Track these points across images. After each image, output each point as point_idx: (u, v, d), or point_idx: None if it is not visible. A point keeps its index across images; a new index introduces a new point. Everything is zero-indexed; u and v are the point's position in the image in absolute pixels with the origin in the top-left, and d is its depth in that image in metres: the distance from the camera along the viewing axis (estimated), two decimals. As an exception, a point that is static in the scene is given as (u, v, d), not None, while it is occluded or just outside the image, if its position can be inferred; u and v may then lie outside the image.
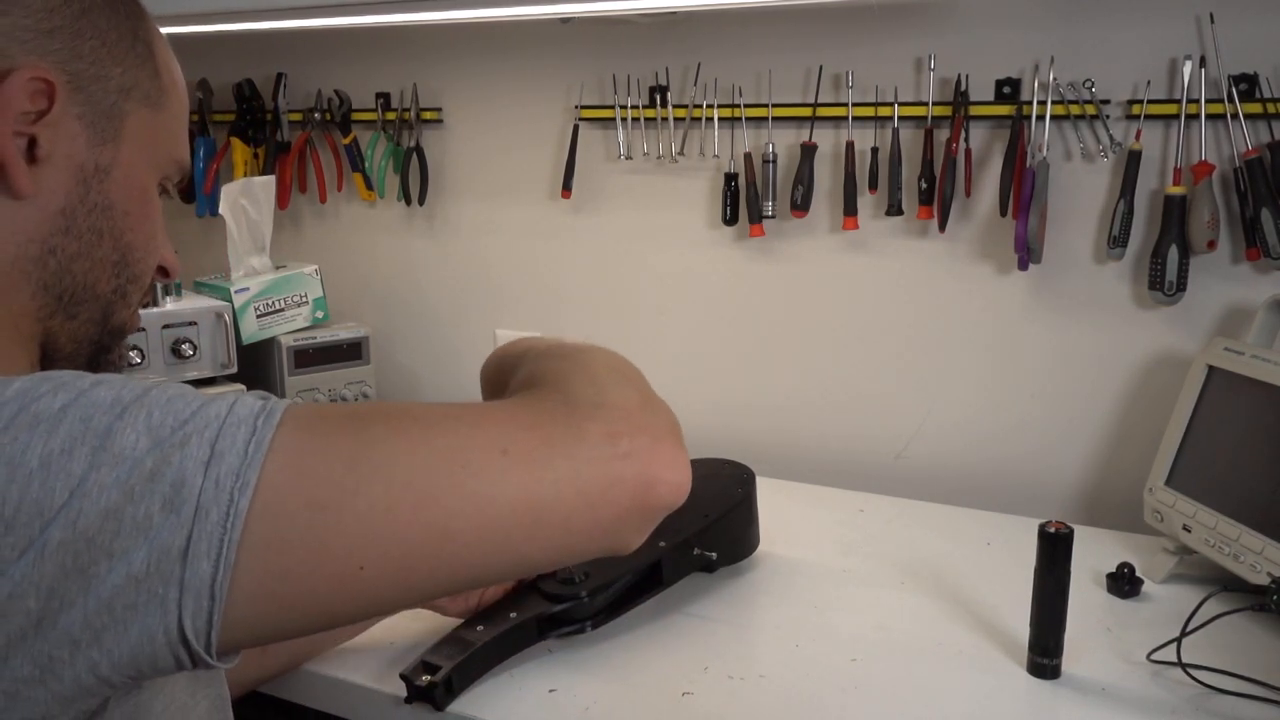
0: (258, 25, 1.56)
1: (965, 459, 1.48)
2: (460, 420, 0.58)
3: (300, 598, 0.53)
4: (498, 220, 1.76)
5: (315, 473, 0.53)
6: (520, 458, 0.57)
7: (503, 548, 0.57)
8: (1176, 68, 1.26)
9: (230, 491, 0.50)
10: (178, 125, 0.72)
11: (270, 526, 0.51)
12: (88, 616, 0.49)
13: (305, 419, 0.54)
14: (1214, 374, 1.18)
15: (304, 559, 0.52)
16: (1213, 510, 1.11)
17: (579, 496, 0.58)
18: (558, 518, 0.58)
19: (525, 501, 0.57)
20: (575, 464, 0.58)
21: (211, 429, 0.52)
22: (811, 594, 1.15)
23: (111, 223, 0.67)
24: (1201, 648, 0.95)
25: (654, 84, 1.57)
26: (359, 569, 0.54)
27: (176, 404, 0.53)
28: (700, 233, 1.59)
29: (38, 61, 0.62)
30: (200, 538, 0.50)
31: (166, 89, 0.71)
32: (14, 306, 0.64)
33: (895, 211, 1.43)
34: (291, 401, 0.56)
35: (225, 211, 1.64)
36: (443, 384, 1.86)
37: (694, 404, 1.63)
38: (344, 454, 0.54)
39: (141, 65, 0.68)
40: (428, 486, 0.55)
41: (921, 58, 1.39)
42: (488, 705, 0.93)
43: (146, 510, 0.50)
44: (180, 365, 1.54)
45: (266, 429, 0.52)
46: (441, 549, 0.56)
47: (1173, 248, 1.27)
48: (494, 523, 0.56)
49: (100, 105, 0.65)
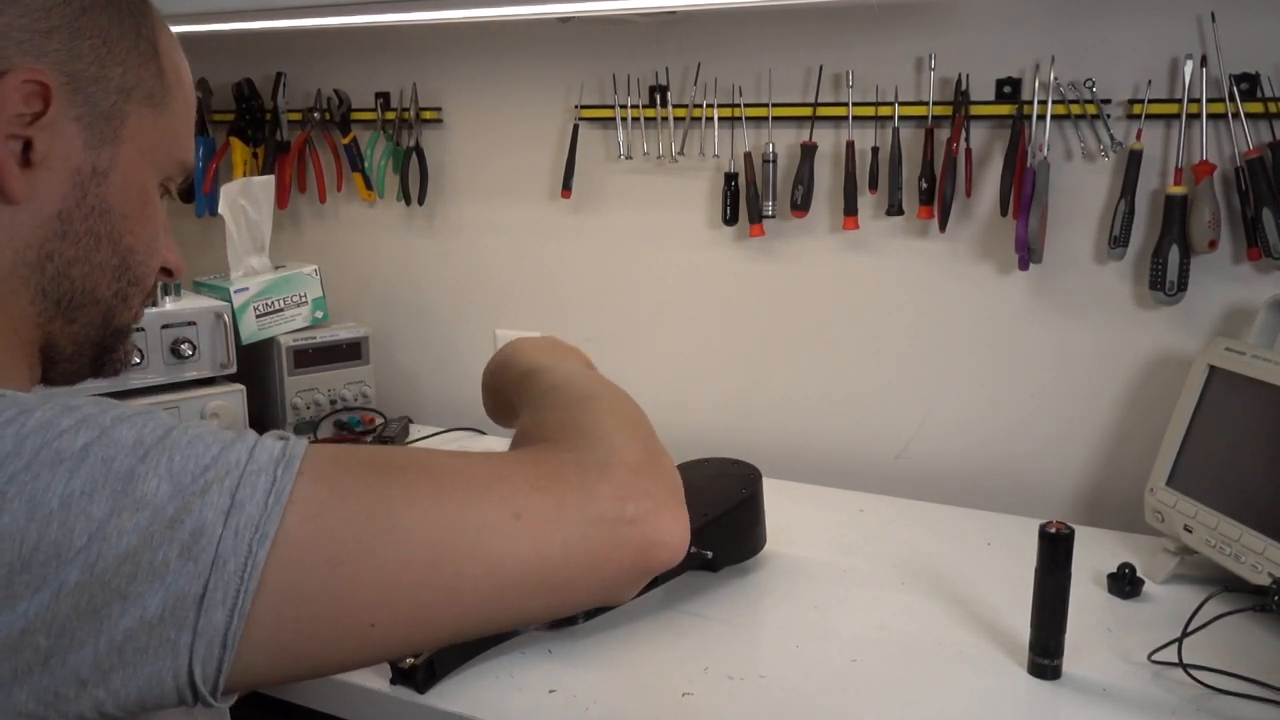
0: (257, 25, 1.56)
1: (965, 459, 1.48)
2: (475, 479, 0.59)
3: (309, 649, 0.54)
4: (498, 220, 1.76)
5: (333, 529, 0.53)
6: (531, 521, 0.58)
7: (508, 606, 0.59)
8: (1177, 67, 1.26)
9: (249, 543, 0.51)
10: (181, 125, 0.71)
11: (286, 580, 0.52)
12: (98, 657, 0.49)
13: (325, 470, 0.55)
14: (1215, 374, 1.18)
15: (317, 613, 0.53)
16: (1214, 510, 1.11)
17: (584, 558, 0.59)
18: (562, 579, 0.59)
19: (534, 564, 0.58)
20: (583, 528, 0.59)
21: (232, 477, 0.52)
22: (811, 594, 1.15)
23: (110, 226, 0.66)
24: (1202, 648, 0.95)
25: (654, 84, 1.56)
26: (370, 625, 0.55)
27: (197, 447, 0.53)
28: (700, 233, 1.59)
29: (34, 63, 0.61)
30: (216, 587, 0.50)
31: (170, 88, 0.69)
32: (13, 312, 0.64)
33: (895, 211, 1.43)
34: (310, 443, 0.56)
35: (224, 211, 1.64)
36: (442, 384, 1.86)
37: (693, 404, 1.63)
38: (361, 511, 0.54)
39: (144, 64, 0.67)
40: (442, 548, 0.56)
41: (922, 57, 1.39)
42: (487, 705, 0.93)
43: (164, 556, 0.50)
44: (179, 365, 1.53)
45: (286, 478, 0.53)
46: (450, 607, 0.57)
47: (1174, 247, 1.27)
48: (502, 583, 0.58)
49: (99, 107, 0.64)
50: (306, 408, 1.66)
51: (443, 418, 1.80)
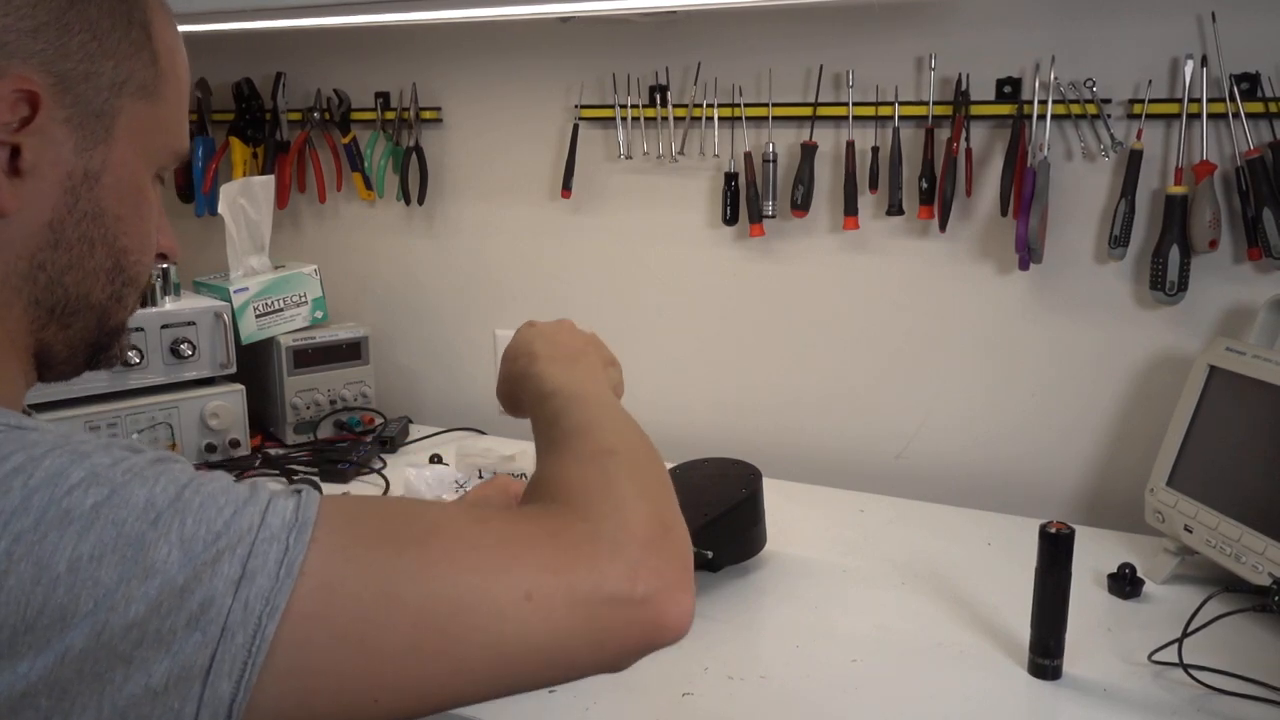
0: (257, 24, 1.56)
1: (965, 459, 1.47)
2: (490, 554, 0.58)
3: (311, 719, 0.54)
4: (498, 220, 1.76)
5: (343, 605, 0.53)
6: (542, 602, 0.57)
7: (512, 681, 0.59)
8: (1178, 67, 1.26)
9: (259, 616, 0.50)
10: (175, 113, 0.67)
11: (294, 655, 0.51)
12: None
13: (338, 539, 0.54)
14: (1215, 374, 1.18)
15: (323, 687, 0.53)
16: (1214, 511, 1.11)
17: (592, 637, 0.59)
18: (567, 658, 0.59)
19: (542, 645, 0.58)
20: (593, 608, 0.59)
21: (244, 545, 0.51)
22: (811, 594, 1.15)
23: (104, 230, 0.63)
24: (1203, 648, 0.95)
25: (654, 84, 1.56)
26: (374, 700, 0.54)
27: (209, 510, 0.52)
28: (700, 232, 1.59)
29: (20, 66, 0.58)
30: (224, 658, 0.49)
31: (164, 75, 0.65)
32: (6, 323, 0.62)
33: (896, 211, 1.43)
34: (325, 502, 0.55)
35: (224, 211, 1.64)
36: (442, 384, 1.86)
37: (693, 404, 1.63)
38: (373, 588, 0.54)
39: (137, 54, 0.63)
40: (452, 630, 0.55)
41: (922, 57, 1.39)
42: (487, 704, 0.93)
43: (172, 625, 0.49)
44: (179, 365, 1.53)
45: (299, 547, 0.52)
46: (454, 682, 0.57)
47: (1174, 247, 1.27)
48: (509, 662, 0.57)
49: (90, 105, 0.61)
50: (306, 408, 1.66)
51: (442, 418, 1.80)
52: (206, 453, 1.55)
